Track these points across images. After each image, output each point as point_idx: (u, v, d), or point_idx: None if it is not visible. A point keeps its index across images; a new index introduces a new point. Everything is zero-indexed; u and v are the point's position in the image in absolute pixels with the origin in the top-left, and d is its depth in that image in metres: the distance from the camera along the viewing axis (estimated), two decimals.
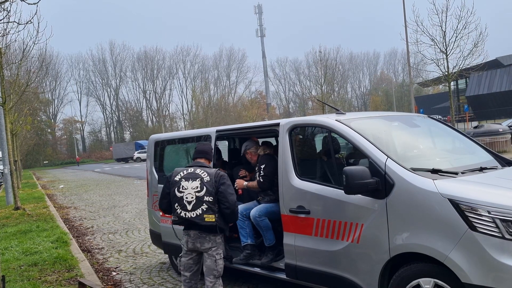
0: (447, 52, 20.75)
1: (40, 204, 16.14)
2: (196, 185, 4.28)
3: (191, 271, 4.41)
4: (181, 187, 4.32)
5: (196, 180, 4.31)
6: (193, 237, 4.30)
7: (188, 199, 4.26)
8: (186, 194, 4.28)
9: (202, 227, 4.25)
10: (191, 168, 4.44)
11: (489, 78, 51.93)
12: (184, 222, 4.32)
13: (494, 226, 3.32)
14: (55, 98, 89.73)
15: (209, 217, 4.23)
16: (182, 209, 4.28)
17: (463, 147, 5.20)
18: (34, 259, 7.54)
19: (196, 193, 4.26)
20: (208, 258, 4.31)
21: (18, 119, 21.76)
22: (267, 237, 5.31)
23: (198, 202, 4.24)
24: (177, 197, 4.33)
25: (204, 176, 4.33)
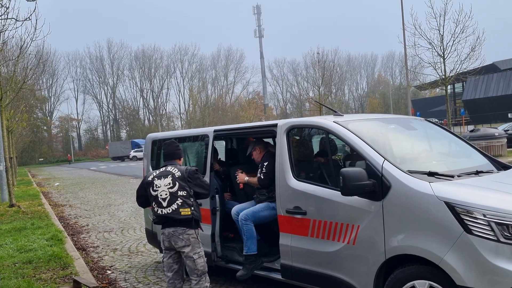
0: (445, 55, 20.83)
1: (35, 201, 16.09)
2: (168, 182, 4.45)
3: (172, 271, 4.55)
4: (155, 186, 4.48)
5: (167, 177, 4.47)
6: (168, 236, 4.44)
7: (162, 196, 4.42)
8: (160, 192, 4.44)
9: (178, 221, 4.39)
10: (163, 168, 4.63)
11: (486, 82, 52.17)
12: (162, 219, 4.46)
13: (489, 229, 3.34)
14: (52, 96, 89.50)
15: (184, 211, 4.40)
16: (158, 206, 4.45)
17: (459, 151, 5.22)
18: (29, 256, 7.51)
19: (169, 189, 4.41)
20: (187, 260, 4.45)
21: (14, 116, 21.69)
22: (247, 244, 5.23)
23: (173, 198, 4.40)
24: (153, 196, 4.49)
25: (175, 172, 4.50)
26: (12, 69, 15.25)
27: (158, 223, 4.55)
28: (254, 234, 5.26)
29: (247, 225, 5.24)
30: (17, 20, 10.72)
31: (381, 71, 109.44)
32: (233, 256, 5.62)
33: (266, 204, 5.34)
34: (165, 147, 4.96)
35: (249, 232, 5.23)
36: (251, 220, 5.27)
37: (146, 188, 4.59)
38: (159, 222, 4.52)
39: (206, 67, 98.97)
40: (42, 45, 16.49)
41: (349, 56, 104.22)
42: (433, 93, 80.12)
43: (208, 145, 5.89)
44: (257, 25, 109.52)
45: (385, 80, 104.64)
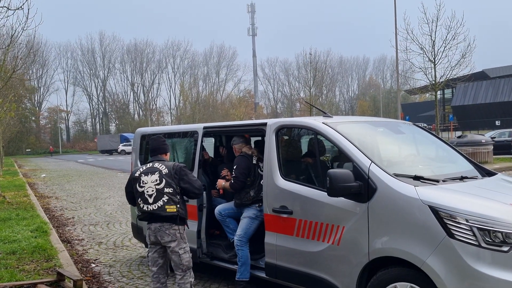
0: (435, 61, 21.04)
1: (21, 192, 15.95)
2: (156, 178, 4.46)
3: (157, 266, 4.59)
4: (141, 182, 4.49)
5: (155, 174, 4.49)
6: (154, 230, 4.46)
7: (149, 192, 4.43)
8: (146, 188, 4.45)
9: (163, 218, 4.41)
10: (150, 164, 4.63)
11: (475, 89, 52.73)
12: (147, 215, 4.47)
13: (471, 234, 3.39)
14: (41, 86, 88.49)
15: (170, 208, 4.41)
16: (144, 202, 4.45)
17: (445, 156, 5.29)
18: (13, 247, 7.45)
19: (156, 186, 4.43)
20: (173, 254, 4.49)
21: (3, 105, 21.41)
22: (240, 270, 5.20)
23: (159, 194, 4.42)
24: (139, 192, 4.50)
25: (162, 169, 4.52)
26: (2, 58, 15.06)
27: (144, 219, 4.56)
28: (249, 260, 5.22)
29: (242, 250, 5.20)
30: (9, 8, 10.59)
31: (372, 74, 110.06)
32: (218, 253, 5.63)
33: (248, 220, 5.30)
34: (151, 142, 4.95)
35: (244, 258, 5.20)
36: (245, 241, 5.23)
37: (132, 184, 4.60)
38: (144, 218, 4.53)
39: (198, 63, 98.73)
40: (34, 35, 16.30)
41: (341, 58, 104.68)
42: (423, 98, 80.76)
43: (197, 142, 5.89)
44: (250, 23, 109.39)
45: (376, 84, 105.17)
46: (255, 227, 5.28)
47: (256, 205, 5.28)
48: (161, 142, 4.85)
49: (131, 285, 5.93)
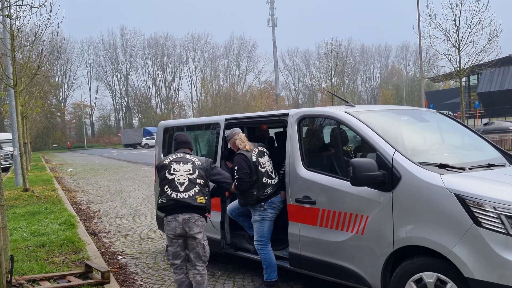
0: (460, 47, 20.53)
1: (49, 186, 16.33)
2: (189, 168, 4.51)
3: (181, 258, 4.56)
4: (173, 169, 4.49)
5: (187, 164, 4.54)
6: (182, 222, 4.40)
7: (180, 180, 4.43)
8: (178, 176, 4.44)
9: (193, 208, 4.40)
10: (179, 154, 4.67)
11: (502, 75, 51.39)
12: (173, 203, 4.40)
13: (499, 222, 3.33)
14: (65, 82, 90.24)
15: (200, 198, 4.44)
16: (174, 190, 4.41)
17: (471, 144, 5.18)
18: (42, 240, 7.65)
19: (188, 175, 4.47)
20: (197, 246, 4.48)
21: (29, 101, 21.91)
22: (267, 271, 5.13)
23: (191, 184, 4.44)
24: (168, 179, 4.47)
25: (195, 160, 4.61)
26: (27, 55, 15.36)
27: (168, 207, 4.44)
28: (273, 261, 5.08)
29: (264, 253, 5.09)
30: (32, 6, 10.78)
31: (395, 62, 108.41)
32: (242, 243, 5.66)
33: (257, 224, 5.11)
34: (180, 136, 5.02)
35: (267, 261, 5.08)
36: (265, 243, 5.09)
37: (160, 170, 4.59)
38: (169, 206, 4.43)
39: (218, 56, 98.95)
40: (57, 32, 16.65)
41: (362, 46, 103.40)
42: (447, 85, 79.17)
43: (219, 134, 5.92)
44: (270, 14, 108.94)
45: (398, 72, 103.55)
46: (269, 227, 5.10)
47: (259, 206, 5.05)
48: (188, 137, 4.99)
49: (157, 277, 6.02)
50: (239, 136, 5.22)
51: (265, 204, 5.05)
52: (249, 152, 5.08)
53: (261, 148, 5.22)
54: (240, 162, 5.00)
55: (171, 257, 4.56)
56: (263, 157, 5.14)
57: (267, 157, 5.19)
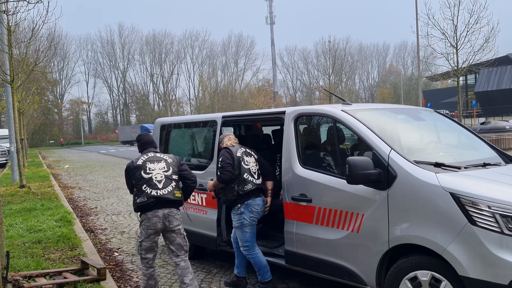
0: (458, 46, 20.60)
1: (45, 183, 16.30)
2: (163, 166, 4.74)
3: (154, 253, 4.76)
4: (148, 169, 4.68)
5: (161, 162, 4.76)
6: (162, 217, 4.58)
7: (157, 178, 4.64)
8: (155, 175, 4.65)
9: (172, 202, 4.65)
10: (150, 153, 4.86)
11: (499, 75, 51.51)
12: (154, 200, 4.56)
13: (493, 221, 3.34)
14: (63, 78, 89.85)
15: (177, 193, 4.71)
16: (153, 188, 4.60)
17: (467, 143, 5.20)
18: (38, 236, 7.64)
19: (164, 172, 4.69)
20: (178, 237, 4.71)
21: (26, 98, 21.86)
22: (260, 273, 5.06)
23: (167, 180, 4.67)
24: (145, 179, 4.64)
25: (167, 158, 4.86)
26: (24, 51, 15.32)
27: (148, 205, 4.56)
28: (263, 262, 5.05)
29: (252, 257, 5.05)
30: (29, 2, 10.75)
31: (393, 61, 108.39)
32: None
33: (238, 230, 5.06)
34: (144, 136, 5.13)
35: (258, 264, 5.04)
36: (251, 247, 5.03)
37: (134, 171, 4.71)
38: (149, 204, 4.55)
39: (216, 53, 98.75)
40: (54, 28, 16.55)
41: (360, 45, 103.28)
42: (445, 84, 79.26)
43: (216, 131, 5.92)
44: (268, 12, 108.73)
45: (396, 70, 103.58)
46: (251, 232, 5.02)
47: (237, 208, 5.00)
48: (152, 137, 5.21)
49: None
50: (228, 137, 5.33)
51: (241, 206, 4.96)
52: (234, 147, 5.15)
53: (248, 150, 5.25)
54: (224, 154, 5.08)
55: (144, 252, 4.69)
56: (248, 156, 5.15)
57: (253, 158, 5.18)
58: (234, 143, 5.24)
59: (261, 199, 5.09)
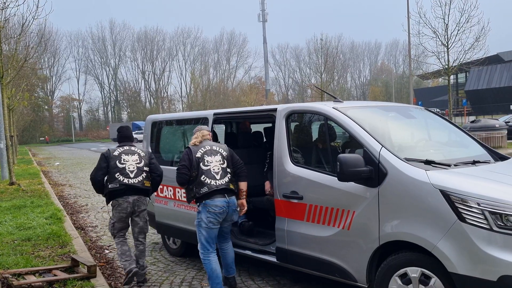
0: (448, 45, 20.71)
1: (35, 180, 16.17)
2: (136, 158, 5.39)
3: (125, 230, 5.47)
4: (122, 159, 5.32)
5: (134, 155, 5.41)
6: (133, 202, 5.29)
7: (130, 169, 5.29)
8: (128, 165, 5.29)
9: (141, 190, 5.33)
10: (126, 146, 5.49)
11: (489, 73, 51.91)
12: (124, 187, 5.23)
13: (483, 218, 3.37)
14: (53, 75, 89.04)
15: (147, 183, 5.39)
16: (125, 177, 5.25)
17: (457, 140, 5.24)
18: (28, 234, 7.58)
19: (136, 164, 5.34)
20: (141, 221, 5.43)
21: (16, 94, 21.66)
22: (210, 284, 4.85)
23: (139, 171, 5.32)
24: (119, 168, 5.27)
25: (140, 152, 5.50)
26: (14, 47, 15.18)
27: (118, 191, 5.22)
28: (214, 273, 4.77)
29: (204, 262, 4.84)
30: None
31: (384, 59, 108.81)
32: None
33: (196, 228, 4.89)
34: (123, 130, 5.70)
35: (207, 271, 4.83)
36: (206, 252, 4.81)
37: (109, 161, 5.32)
38: (120, 191, 5.22)
39: (208, 50, 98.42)
40: (44, 24, 16.41)
41: (352, 43, 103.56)
42: (436, 82, 79.78)
43: None
44: (261, 9, 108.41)
45: (388, 69, 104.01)
46: (207, 234, 4.79)
47: (197, 207, 4.88)
48: (130, 132, 5.77)
49: None
50: (196, 134, 5.12)
51: (199, 206, 4.81)
52: (196, 146, 4.95)
53: (215, 148, 4.96)
54: (183, 155, 4.94)
55: (117, 231, 5.38)
56: (212, 155, 4.88)
57: (218, 157, 4.89)
58: (199, 141, 5.01)
59: (223, 201, 4.74)
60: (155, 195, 6.53)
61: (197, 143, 5.00)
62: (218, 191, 4.76)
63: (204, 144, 5.00)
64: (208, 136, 5.14)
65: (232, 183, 4.89)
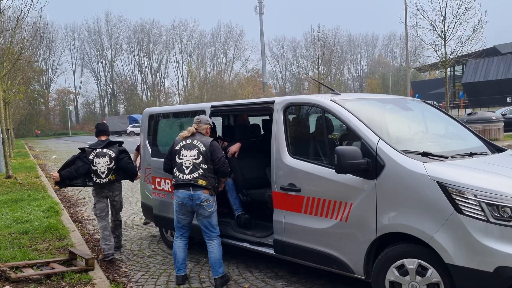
0: (446, 37, 20.68)
1: (32, 173, 16.13)
2: (107, 160, 6.10)
3: (105, 211, 6.30)
4: (95, 162, 6.07)
5: (105, 157, 6.12)
6: (107, 188, 6.25)
7: (101, 170, 6.08)
8: (99, 167, 6.06)
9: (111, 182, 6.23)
10: (98, 149, 6.16)
11: (486, 66, 51.94)
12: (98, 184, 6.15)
13: (479, 209, 3.39)
14: (49, 68, 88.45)
15: (113, 177, 6.19)
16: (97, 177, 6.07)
17: (454, 133, 5.25)
18: (25, 227, 7.58)
19: (107, 166, 6.09)
20: (117, 204, 6.49)
21: (11, 87, 21.53)
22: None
23: (108, 171, 6.11)
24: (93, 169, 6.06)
25: (111, 153, 6.16)
26: (9, 40, 15.07)
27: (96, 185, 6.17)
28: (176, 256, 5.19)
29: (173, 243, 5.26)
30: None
31: (382, 52, 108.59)
32: (227, 231, 5.68)
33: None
34: (98, 125, 6.64)
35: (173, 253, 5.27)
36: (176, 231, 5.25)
37: (85, 161, 6.10)
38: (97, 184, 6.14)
39: (205, 43, 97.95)
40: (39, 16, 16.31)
41: (349, 35, 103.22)
42: (433, 75, 79.73)
43: None
44: (257, 2, 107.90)
45: (385, 61, 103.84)
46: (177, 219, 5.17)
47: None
48: (107, 126, 6.68)
49: (142, 264, 6.02)
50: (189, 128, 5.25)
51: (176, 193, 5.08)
52: (180, 139, 5.16)
53: (195, 142, 5.04)
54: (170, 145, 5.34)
55: (99, 211, 6.23)
56: (189, 149, 5.00)
57: (195, 151, 4.98)
58: (185, 136, 5.14)
59: (185, 193, 4.92)
60: (153, 188, 6.53)
61: (186, 135, 5.14)
62: (183, 185, 4.95)
63: (184, 137, 5.14)
64: (202, 129, 5.19)
65: (202, 179, 4.91)
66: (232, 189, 5.96)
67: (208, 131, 5.27)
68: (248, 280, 5.22)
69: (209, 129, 5.29)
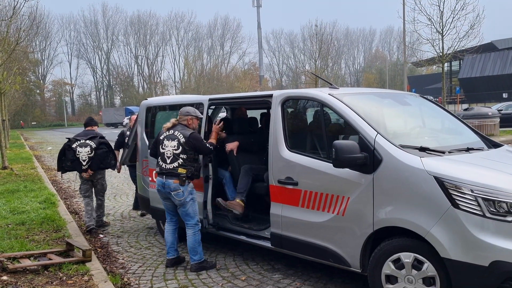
0: (443, 32, 20.67)
1: (28, 164, 16.10)
2: (88, 150, 6.99)
3: (89, 192, 7.29)
4: (77, 152, 6.94)
5: (87, 147, 7.01)
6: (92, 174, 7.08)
7: (83, 158, 6.96)
8: (81, 156, 6.95)
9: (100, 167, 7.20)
10: (82, 140, 7.05)
11: (483, 61, 52.06)
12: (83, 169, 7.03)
13: (476, 204, 3.42)
14: (45, 59, 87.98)
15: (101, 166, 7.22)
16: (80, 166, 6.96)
17: (451, 128, 5.27)
18: (22, 218, 7.58)
19: (88, 155, 6.98)
20: (98, 184, 7.35)
21: (7, 78, 21.38)
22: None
23: (90, 160, 7.00)
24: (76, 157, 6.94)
25: (92, 144, 7.04)
26: (5, 30, 14.96)
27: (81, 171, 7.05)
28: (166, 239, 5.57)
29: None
30: None
31: (379, 46, 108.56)
32: (224, 223, 5.70)
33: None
34: (86, 120, 7.64)
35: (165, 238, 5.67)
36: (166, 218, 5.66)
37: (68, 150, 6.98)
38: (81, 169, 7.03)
39: (202, 35, 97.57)
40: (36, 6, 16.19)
41: (347, 29, 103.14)
42: (430, 70, 79.82)
43: (202, 114, 5.88)
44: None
45: (382, 56, 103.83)
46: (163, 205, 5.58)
47: None
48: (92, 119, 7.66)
49: (139, 255, 6.04)
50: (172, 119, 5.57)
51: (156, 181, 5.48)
52: (164, 130, 5.45)
53: (176, 133, 5.32)
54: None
55: (83, 191, 7.24)
56: (170, 140, 5.31)
57: (175, 142, 5.27)
58: (166, 125, 5.47)
59: (160, 180, 5.34)
60: (150, 180, 6.54)
61: (169, 126, 5.42)
62: (163, 173, 5.32)
63: (172, 128, 5.40)
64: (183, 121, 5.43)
65: (182, 168, 5.24)
66: (229, 182, 5.98)
67: (191, 122, 5.45)
68: (245, 272, 5.25)
69: (191, 119, 5.45)
